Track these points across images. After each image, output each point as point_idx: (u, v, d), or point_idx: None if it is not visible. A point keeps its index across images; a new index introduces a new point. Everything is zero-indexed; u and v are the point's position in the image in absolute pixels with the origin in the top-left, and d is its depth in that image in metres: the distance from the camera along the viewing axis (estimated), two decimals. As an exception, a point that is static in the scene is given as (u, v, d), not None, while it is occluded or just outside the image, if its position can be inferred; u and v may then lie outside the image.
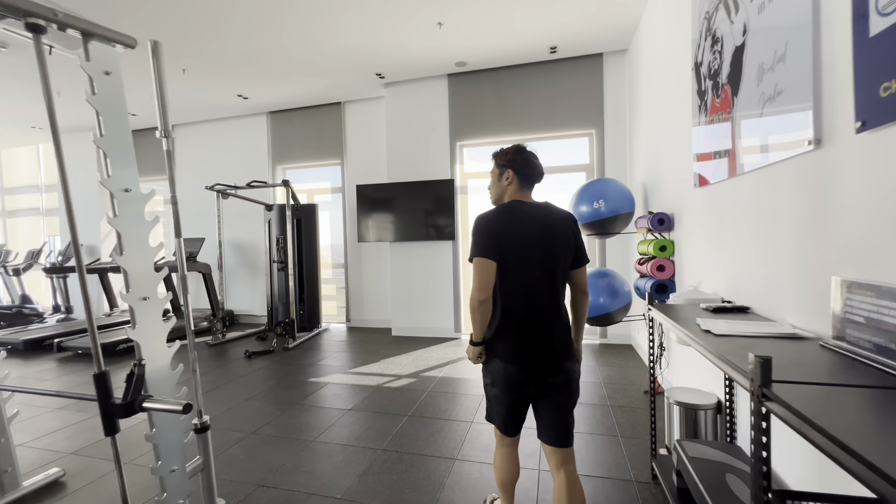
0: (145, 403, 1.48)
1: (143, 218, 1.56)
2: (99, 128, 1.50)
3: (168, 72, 4.56)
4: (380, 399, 3.17)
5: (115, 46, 1.56)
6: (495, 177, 1.58)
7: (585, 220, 3.62)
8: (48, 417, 3.02)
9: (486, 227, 1.45)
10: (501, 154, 1.57)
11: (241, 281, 6.41)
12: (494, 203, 1.60)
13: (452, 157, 5.01)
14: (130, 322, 1.53)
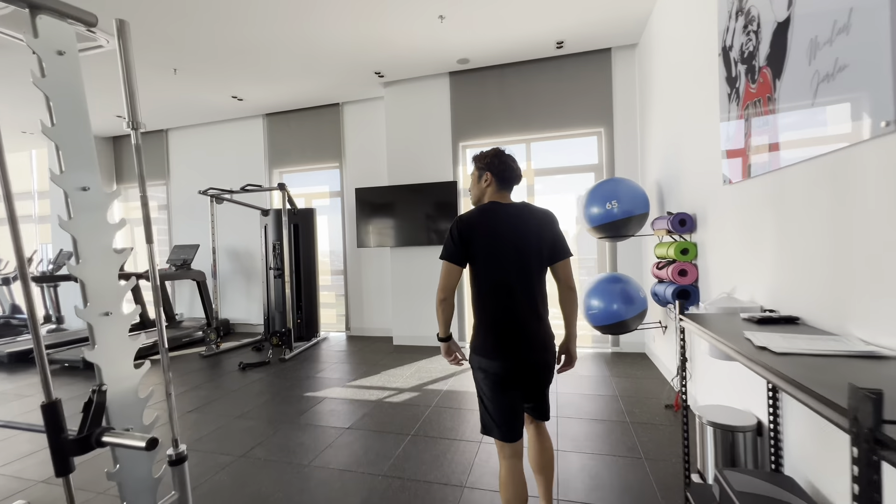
0: (104, 438, 1.27)
1: (105, 221, 1.36)
2: (50, 116, 1.30)
3: (159, 72, 4.40)
4: (380, 416, 2.95)
5: (72, 23, 1.34)
6: (475, 179, 1.65)
7: (597, 223, 3.41)
8: (19, 440, 2.80)
9: (460, 230, 1.52)
10: (480, 157, 1.63)
11: (238, 289, 6.20)
12: (475, 204, 1.66)
13: (455, 158, 4.81)
14: (89, 341, 1.32)
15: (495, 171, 1.58)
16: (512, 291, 1.49)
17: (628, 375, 3.61)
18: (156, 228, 6.74)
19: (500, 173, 1.58)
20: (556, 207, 4.87)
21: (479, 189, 1.63)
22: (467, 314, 4.86)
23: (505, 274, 1.49)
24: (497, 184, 1.59)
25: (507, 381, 1.48)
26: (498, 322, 1.49)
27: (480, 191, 1.63)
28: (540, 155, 4.72)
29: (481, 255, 1.50)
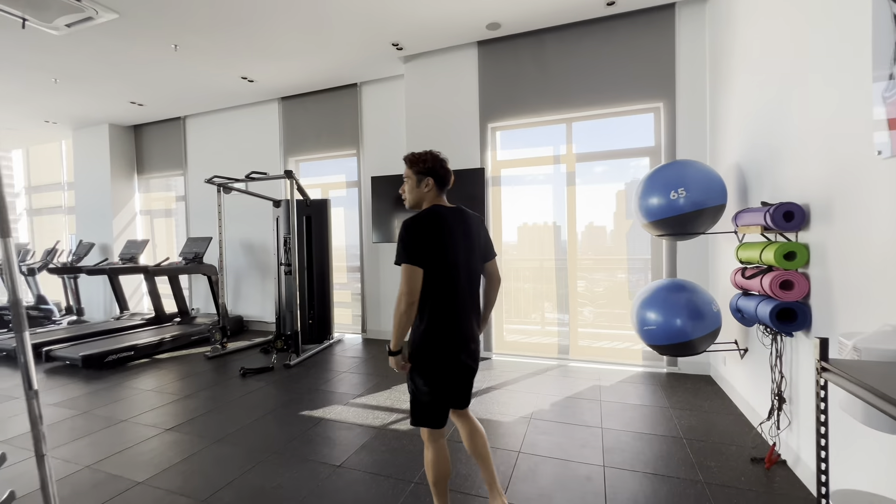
0: None
1: None
2: None
3: (158, 51, 4.04)
4: (381, 448, 2.42)
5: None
6: (413, 183, 1.63)
7: (657, 216, 2.70)
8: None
9: (417, 233, 1.51)
10: (419, 161, 1.62)
11: (253, 284, 5.89)
12: (411, 207, 1.66)
13: (483, 141, 4.19)
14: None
15: (436, 175, 1.62)
16: (463, 290, 1.59)
17: (692, 407, 2.89)
18: (173, 220, 6.56)
19: (440, 178, 1.63)
20: (599, 198, 4.23)
21: (419, 193, 1.63)
22: (495, 330, 4.25)
23: (458, 274, 1.57)
24: (437, 188, 1.63)
25: (456, 373, 1.60)
26: (453, 319, 1.57)
27: (420, 195, 1.63)
28: (583, 137, 4.01)
29: (438, 258, 1.52)
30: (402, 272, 1.49)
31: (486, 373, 3.74)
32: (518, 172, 4.30)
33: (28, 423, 2.83)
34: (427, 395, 1.57)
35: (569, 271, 4.07)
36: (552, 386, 3.40)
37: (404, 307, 1.48)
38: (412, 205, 1.66)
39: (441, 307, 1.54)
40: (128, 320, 5.73)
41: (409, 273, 1.48)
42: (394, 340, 1.52)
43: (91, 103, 5.51)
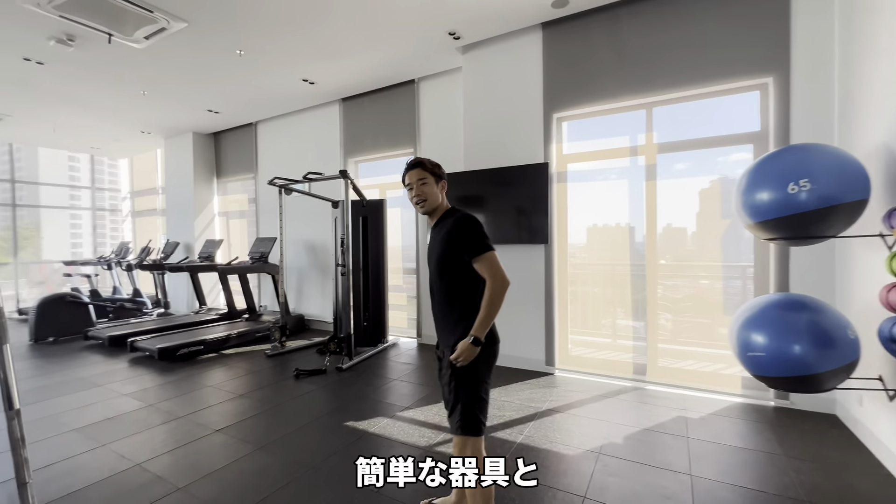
0: None
1: None
2: None
3: (225, 57, 4.18)
4: (423, 476, 2.16)
5: None
6: (433, 185, 1.65)
7: (766, 216, 2.17)
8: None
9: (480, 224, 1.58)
10: (437, 166, 1.68)
11: (314, 284, 6.00)
12: (430, 211, 1.67)
13: (547, 133, 3.79)
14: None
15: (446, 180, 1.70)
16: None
17: (816, 458, 2.27)
18: (246, 221, 6.93)
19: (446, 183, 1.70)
20: (680, 196, 3.59)
21: (437, 195, 1.66)
22: (560, 343, 3.82)
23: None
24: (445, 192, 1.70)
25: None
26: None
27: (438, 198, 1.66)
28: (665, 123, 3.45)
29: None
30: (491, 259, 1.51)
31: (545, 391, 3.35)
32: (587, 167, 3.83)
33: (106, 413, 3.02)
34: (487, 384, 1.56)
35: (648, 278, 3.53)
36: (626, 413, 2.92)
37: (503, 293, 1.50)
38: (431, 208, 1.66)
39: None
40: (204, 315, 6.13)
41: (497, 259, 1.52)
42: (485, 329, 1.49)
43: (176, 113, 5.97)
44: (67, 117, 5.96)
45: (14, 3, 3.13)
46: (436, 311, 1.67)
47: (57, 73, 4.45)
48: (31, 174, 10.12)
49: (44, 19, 3.39)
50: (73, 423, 2.89)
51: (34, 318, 5.29)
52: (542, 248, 3.82)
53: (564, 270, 3.86)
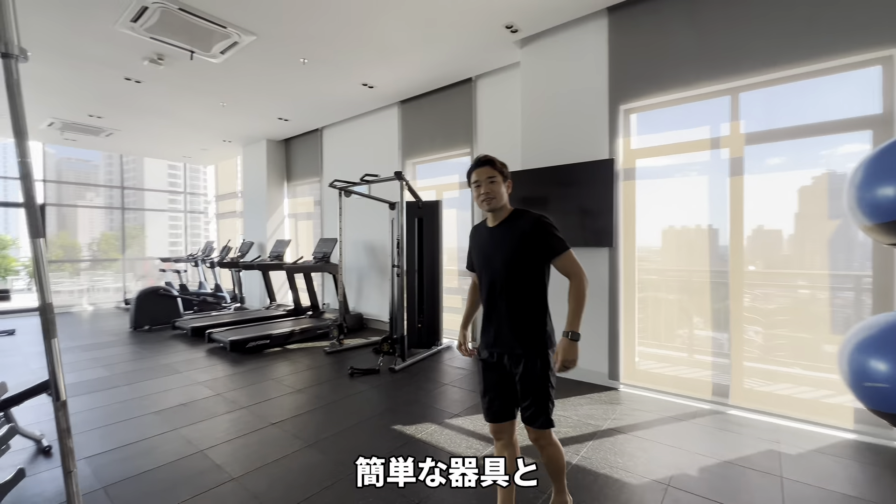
0: None
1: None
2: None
3: (291, 67, 4.39)
4: (467, 488, 2.05)
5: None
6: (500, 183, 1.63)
7: (893, 215, 1.76)
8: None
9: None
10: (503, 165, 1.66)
11: (373, 284, 6.13)
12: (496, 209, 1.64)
13: (613, 127, 3.49)
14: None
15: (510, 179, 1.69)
16: None
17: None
18: (311, 223, 7.28)
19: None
20: (777, 191, 3.09)
21: (504, 194, 1.65)
22: (625, 354, 3.50)
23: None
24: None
25: None
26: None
27: (504, 197, 1.65)
28: (754, 111, 3.01)
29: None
30: (572, 257, 1.57)
31: (608, 408, 3.06)
32: (659, 163, 3.47)
33: (181, 399, 3.28)
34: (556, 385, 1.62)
35: (731, 286, 3.10)
36: (702, 440, 2.56)
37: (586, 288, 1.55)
38: (498, 206, 1.63)
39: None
40: (273, 311, 6.53)
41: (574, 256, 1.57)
42: (579, 323, 1.54)
43: (251, 122, 6.43)
44: (162, 129, 6.67)
45: (113, 27, 3.53)
46: (500, 310, 1.61)
47: (152, 90, 4.97)
48: (138, 181, 11.55)
49: (138, 42, 3.79)
50: (153, 406, 3.16)
51: (133, 308, 5.97)
52: (605, 251, 3.52)
53: (632, 276, 3.52)
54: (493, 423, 1.68)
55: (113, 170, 9.36)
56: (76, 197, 11.34)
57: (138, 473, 2.24)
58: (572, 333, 1.52)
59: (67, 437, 0.98)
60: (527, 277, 1.59)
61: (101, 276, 9.70)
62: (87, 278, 9.64)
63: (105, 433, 2.73)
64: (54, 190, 11.24)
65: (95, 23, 3.51)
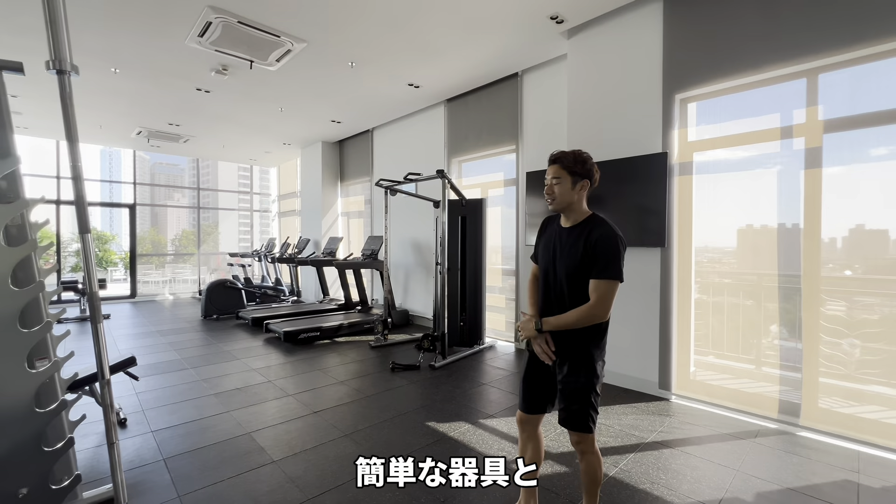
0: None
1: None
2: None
3: (340, 70, 4.56)
4: (495, 491, 2.01)
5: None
6: (567, 184, 1.55)
7: None
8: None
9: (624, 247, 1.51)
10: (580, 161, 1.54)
11: (419, 281, 6.23)
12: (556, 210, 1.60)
13: (667, 119, 3.25)
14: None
15: (592, 179, 1.56)
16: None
17: None
18: (362, 221, 7.54)
19: (594, 182, 1.57)
20: (875, 184, 2.68)
21: (571, 196, 1.55)
22: (678, 362, 3.25)
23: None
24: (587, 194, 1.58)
25: None
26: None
27: (571, 198, 1.55)
28: (835, 94, 2.65)
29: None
30: (607, 289, 1.45)
31: (655, 419, 2.86)
32: (720, 156, 3.17)
33: (237, 384, 3.56)
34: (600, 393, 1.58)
35: (804, 293, 2.76)
36: (763, 463, 2.31)
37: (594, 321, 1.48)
38: (560, 207, 1.58)
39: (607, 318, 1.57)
40: (325, 305, 6.86)
41: (614, 291, 1.47)
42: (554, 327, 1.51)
43: (307, 125, 6.78)
44: (230, 134, 7.24)
45: (183, 42, 3.88)
46: (553, 308, 1.60)
47: (219, 98, 5.41)
48: (213, 183, 12.63)
49: (205, 55, 4.13)
50: (213, 389, 3.45)
51: (204, 299, 6.56)
52: (657, 251, 3.29)
53: (687, 278, 3.26)
54: (522, 413, 1.71)
55: (194, 172, 10.32)
56: (166, 197, 12.55)
57: (194, 449, 2.45)
58: (540, 323, 1.54)
59: (111, 412, 1.08)
60: (583, 287, 1.52)
61: (182, 269, 10.76)
62: (170, 270, 10.74)
63: (172, 410, 3.02)
64: (148, 191, 12.55)
65: (170, 40, 3.88)
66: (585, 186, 1.55)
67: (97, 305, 1.09)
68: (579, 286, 1.52)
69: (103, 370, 1.10)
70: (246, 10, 3.40)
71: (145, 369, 3.92)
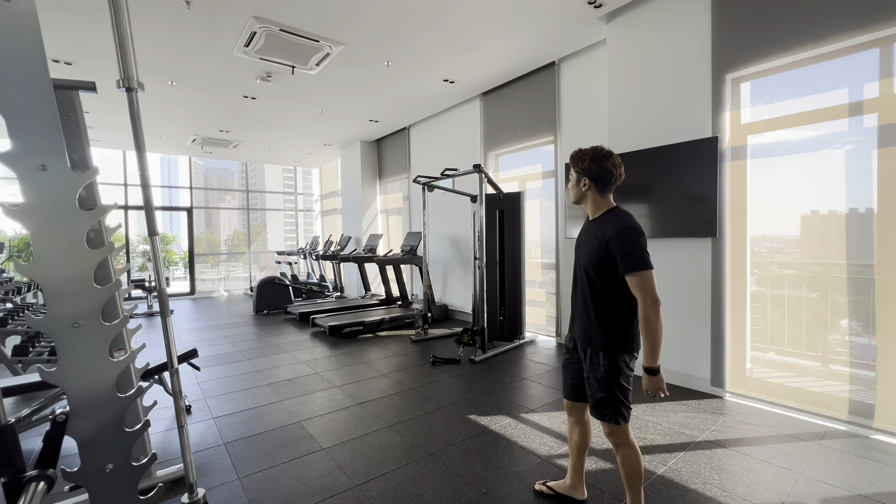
0: (31, 486, 0.99)
1: (73, 207, 1.07)
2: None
3: (376, 70, 4.64)
4: (534, 484, 2.01)
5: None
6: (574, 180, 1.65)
7: None
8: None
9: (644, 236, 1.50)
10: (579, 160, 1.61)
11: (457, 276, 6.26)
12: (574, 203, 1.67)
13: (717, 101, 3.06)
14: (56, 357, 1.07)
15: (594, 177, 1.58)
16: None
17: None
18: (400, 218, 7.66)
19: (598, 179, 1.57)
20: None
21: (579, 191, 1.63)
22: (733, 356, 3.08)
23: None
24: (596, 188, 1.59)
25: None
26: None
27: (580, 193, 1.63)
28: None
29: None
30: (643, 279, 1.44)
31: (707, 417, 2.73)
32: (778, 137, 2.95)
33: (287, 375, 3.76)
34: (630, 388, 1.58)
35: (879, 284, 2.53)
36: (830, 467, 2.15)
37: (657, 314, 1.44)
38: (574, 201, 1.67)
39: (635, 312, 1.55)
40: (367, 300, 7.05)
41: (651, 278, 1.45)
42: (655, 356, 1.46)
43: (346, 126, 6.97)
44: (274, 138, 7.58)
45: (231, 53, 4.10)
46: (576, 302, 1.70)
47: (264, 104, 5.68)
48: (260, 185, 13.26)
49: (251, 63, 4.35)
50: (265, 380, 3.66)
51: (255, 295, 6.94)
52: (707, 242, 3.12)
53: (742, 269, 3.07)
54: (566, 399, 1.81)
55: (243, 175, 10.91)
56: (218, 200, 13.27)
57: (251, 435, 2.62)
58: (647, 369, 1.47)
59: (179, 398, 1.19)
60: (602, 282, 1.56)
61: (234, 267, 11.43)
62: (224, 269, 11.43)
63: (230, 399, 3.24)
64: (202, 195, 13.37)
65: (219, 52, 4.11)
66: (587, 184, 1.58)
67: (166, 302, 1.19)
68: (594, 277, 1.57)
69: (172, 360, 1.20)
70: (287, 18, 3.54)
71: (206, 360, 4.22)
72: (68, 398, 1.08)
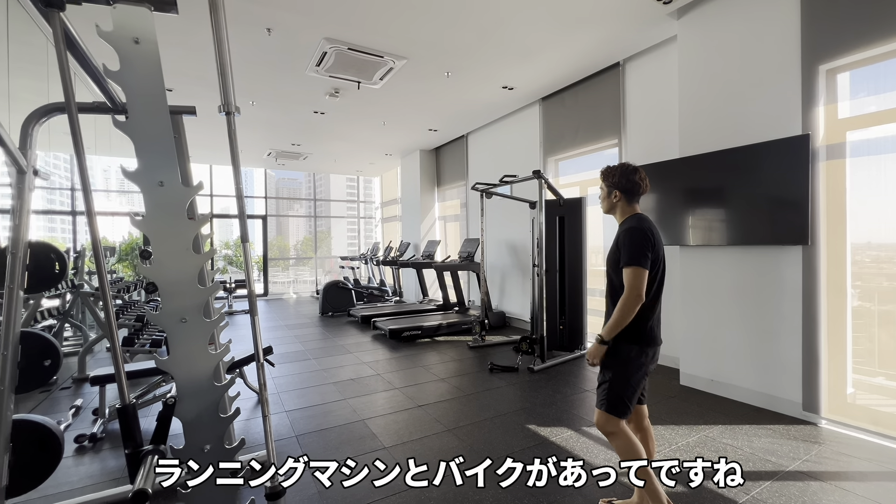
0: (147, 460, 1.14)
1: (183, 218, 1.23)
2: (124, 110, 1.24)
3: (437, 81, 4.77)
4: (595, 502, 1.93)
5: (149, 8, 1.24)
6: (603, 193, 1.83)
7: None
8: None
9: (651, 238, 1.63)
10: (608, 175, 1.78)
11: (515, 283, 6.20)
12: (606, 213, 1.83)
13: (808, 95, 2.78)
14: (167, 348, 1.23)
15: (623, 189, 1.73)
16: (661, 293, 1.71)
17: None
18: (458, 224, 7.74)
19: (626, 191, 1.73)
20: None
21: (609, 203, 1.78)
22: (831, 380, 2.75)
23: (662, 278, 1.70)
24: (625, 199, 1.74)
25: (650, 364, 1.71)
26: (655, 318, 1.70)
27: (610, 204, 1.78)
28: None
29: (654, 263, 1.64)
30: (631, 274, 1.58)
31: (798, 446, 2.46)
32: (887, 132, 2.61)
33: (351, 375, 3.95)
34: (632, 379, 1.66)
35: None
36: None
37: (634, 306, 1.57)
38: (605, 211, 1.82)
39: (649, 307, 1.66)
40: (425, 305, 7.19)
41: (640, 274, 1.57)
42: (611, 332, 1.62)
43: (407, 136, 7.21)
44: (340, 149, 8.03)
45: (304, 73, 4.43)
46: (608, 299, 1.80)
47: (332, 118, 6.05)
48: (325, 194, 14.05)
49: (321, 81, 4.67)
50: (332, 378, 3.86)
51: (321, 298, 7.35)
52: (797, 250, 2.83)
53: (840, 281, 2.74)
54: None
55: (310, 185, 11.65)
56: (287, 208, 14.27)
57: (319, 430, 2.78)
58: (599, 337, 1.66)
59: (264, 389, 1.31)
60: (617, 278, 1.68)
61: (302, 271, 12.19)
62: (293, 272, 12.23)
63: (300, 394, 3.46)
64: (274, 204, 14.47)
65: (294, 73, 4.47)
66: (618, 195, 1.74)
67: (255, 302, 1.32)
68: (614, 274, 1.71)
69: (258, 355, 1.32)
70: (355, 37, 3.77)
71: (278, 357, 4.55)
72: (176, 384, 1.24)
